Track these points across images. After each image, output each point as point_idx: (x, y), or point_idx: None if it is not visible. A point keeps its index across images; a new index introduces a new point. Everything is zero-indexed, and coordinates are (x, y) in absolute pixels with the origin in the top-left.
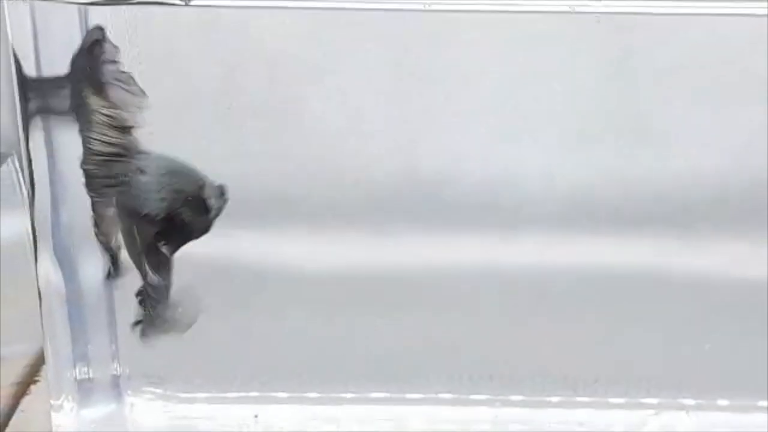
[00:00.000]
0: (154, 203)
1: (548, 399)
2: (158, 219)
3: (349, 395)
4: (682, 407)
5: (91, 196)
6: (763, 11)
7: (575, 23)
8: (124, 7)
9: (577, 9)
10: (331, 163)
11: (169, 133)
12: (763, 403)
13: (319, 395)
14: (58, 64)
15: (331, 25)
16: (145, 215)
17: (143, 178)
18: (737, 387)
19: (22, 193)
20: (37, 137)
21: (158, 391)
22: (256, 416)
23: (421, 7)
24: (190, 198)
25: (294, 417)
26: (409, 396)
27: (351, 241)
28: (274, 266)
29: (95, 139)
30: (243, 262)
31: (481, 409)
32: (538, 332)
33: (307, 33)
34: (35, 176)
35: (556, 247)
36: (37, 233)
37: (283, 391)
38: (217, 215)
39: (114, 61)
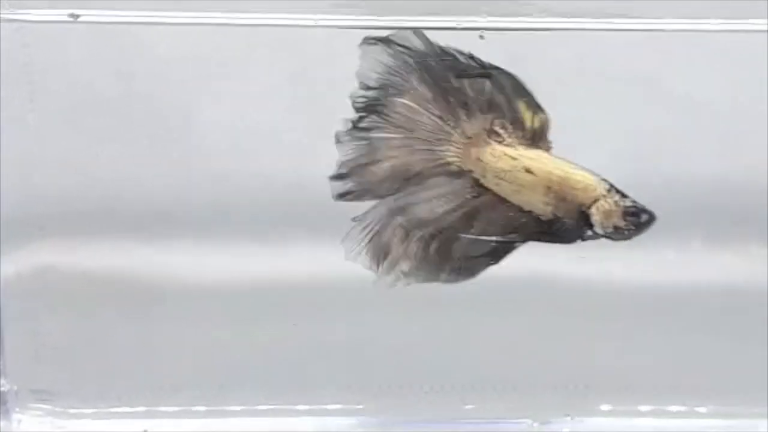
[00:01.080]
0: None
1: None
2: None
3: (237, 408)
4: (567, 414)
5: None
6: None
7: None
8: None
9: (463, 25)
10: (222, 173)
11: (59, 140)
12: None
13: (206, 409)
14: None
15: (225, 33)
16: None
17: None
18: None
19: None
20: None
21: (46, 407)
22: (145, 431)
23: (311, 23)
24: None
25: (183, 431)
26: (298, 407)
27: (242, 251)
28: (162, 278)
29: None
30: (132, 275)
31: (365, 419)
32: (430, 340)
33: (200, 42)
34: None
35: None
36: None
37: (171, 406)
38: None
39: None
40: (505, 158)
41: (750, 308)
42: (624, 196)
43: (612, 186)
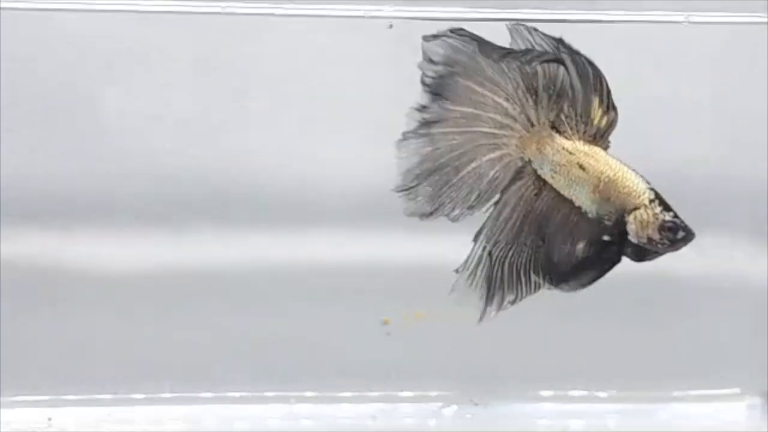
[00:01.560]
0: None
1: (340, 395)
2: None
3: (141, 396)
4: (471, 401)
5: None
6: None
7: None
8: None
9: (371, 14)
10: (129, 161)
11: None
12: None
13: (111, 397)
14: None
15: (132, 21)
16: None
17: None
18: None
19: None
20: None
21: None
22: (49, 419)
23: (218, 10)
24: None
25: (88, 419)
26: (202, 395)
27: (148, 240)
28: (66, 267)
29: None
30: (34, 264)
31: (274, 405)
32: (334, 327)
33: (107, 29)
34: None
35: (351, 244)
36: None
37: (76, 394)
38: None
39: None
40: (563, 152)
41: (650, 296)
42: (668, 209)
43: (658, 197)
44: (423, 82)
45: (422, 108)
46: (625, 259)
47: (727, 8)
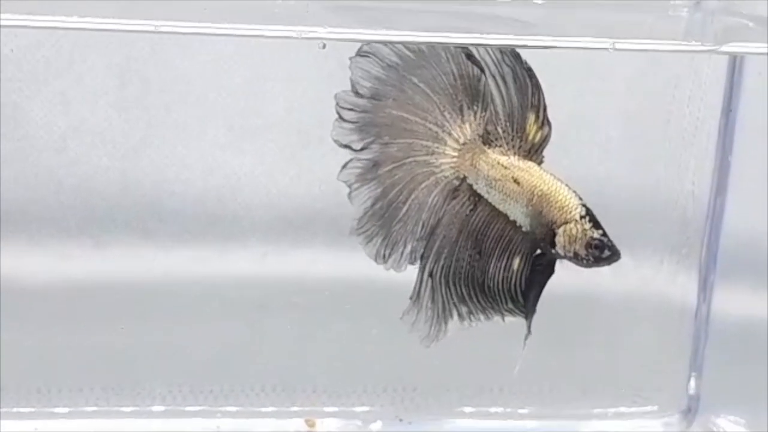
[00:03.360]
0: None
1: (264, 410)
2: None
3: (64, 410)
4: (396, 417)
5: None
6: None
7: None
8: None
9: (304, 35)
10: (49, 172)
11: None
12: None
13: (33, 410)
14: None
15: (58, 34)
16: None
17: None
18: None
19: None
20: None
21: None
22: None
23: (151, 28)
24: None
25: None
26: (122, 409)
27: (70, 252)
28: None
29: None
30: None
31: (197, 420)
32: (258, 342)
33: (30, 40)
34: None
35: (274, 257)
36: None
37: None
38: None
39: None
40: (498, 167)
41: (571, 315)
42: (597, 226)
43: (588, 213)
44: (350, 119)
45: (362, 149)
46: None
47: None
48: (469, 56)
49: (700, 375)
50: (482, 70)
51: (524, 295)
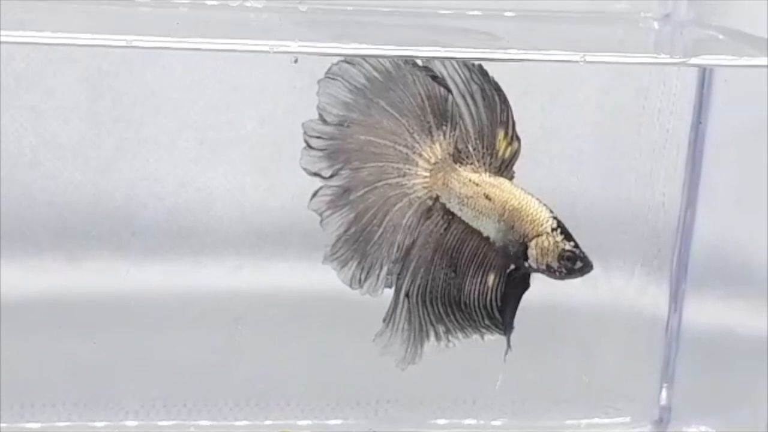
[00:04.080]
0: None
1: (237, 423)
2: None
3: (36, 425)
4: (370, 429)
5: None
6: None
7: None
8: None
9: (275, 49)
10: (21, 187)
11: None
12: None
13: (4, 425)
14: None
15: (24, 46)
16: None
17: None
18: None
19: None
20: None
21: None
22: None
23: (123, 43)
24: None
25: None
26: (95, 424)
27: (44, 266)
28: None
29: None
30: None
31: None
32: (231, 355)
33: (2, 55)
34: None
35: (248, 270)
36: None
37: None
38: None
39: None
40: (469, 184)
41: (543, 327)
42: (569, 238)
43: (560, 226)
44: (318, 147)
45: (331, 176)
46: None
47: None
48: (435, 77)
49: (671, 385)
50: (449, 90)
51: (500, 311)
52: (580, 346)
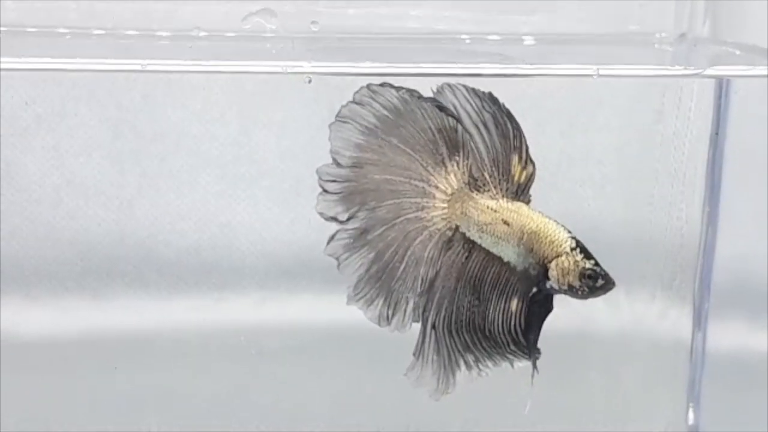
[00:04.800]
0: None
1: None
2: None
3: None
4: None
5: None
6: None
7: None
8: None
9: (289, 70)
10: (45, 226)
11: None
12: None
13: None
14: None
15: (45, 83)
16: None
17: None
18: None
19: None
20: None
21: None
22: None
23: (138, 67)
24: None
25: None
26: None
27: (66, 305)
28: None
29: None
30: None
31: None
32: (254, 388)
33: (21, 96)
34: None
35: (271, 304)
36: None
37: None
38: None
39: None
40: (487, 211)
41: (569, 351)
42: (588, 257)
43: (579, 245)
44: (333, 191)
45: (348, 219)
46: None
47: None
48: (442, 108)
49: (698, 406)
50: (457, 120)
51: (524, 335)
52: (604, 371)
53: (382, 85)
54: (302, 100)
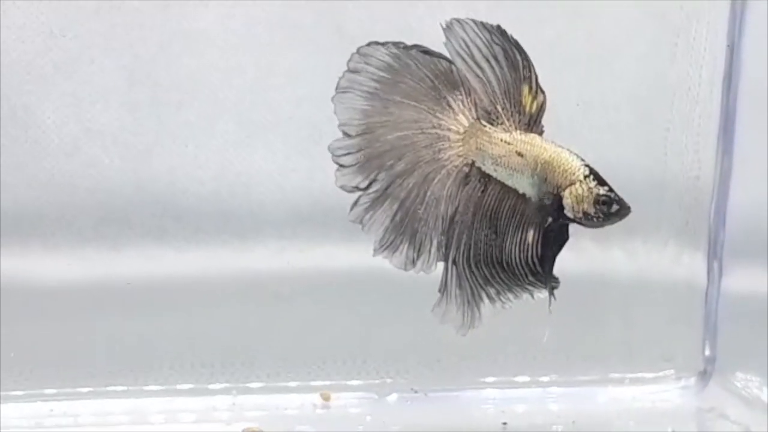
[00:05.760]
0: None
1: (284, 384)
2: None
3: (86, 389)
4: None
5: None
6: None
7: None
8: None
9: None
10: (64, 175)
11: None
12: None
13: (56, 391)
14: None
15: (61, 34)
16: None
17: None
18: None
19: None
20: None
21: None
22: None
23: None
24: None
25: (32, 414)
26: (148, 388)
27: (85, 254)
28: (9, 281)
29: None
30: None
31: (220, 397)
32: (275, 329)
33: (40, 43)
34: None
35: (290, 252)
36: None
37: (19, 390)
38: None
39: None
40: (501, 144)
41: (590, 294)
42: (602, 183)
43: (592, 172)
44: (350, 163)
45: (368, 186)
46: (564, 263)
47: None
48: (428, 52)
49: (714, 339)
50: (449, 61)
51: (541, 265)
52: (623, 311)
53: (369, 45)
54: (320, 47)
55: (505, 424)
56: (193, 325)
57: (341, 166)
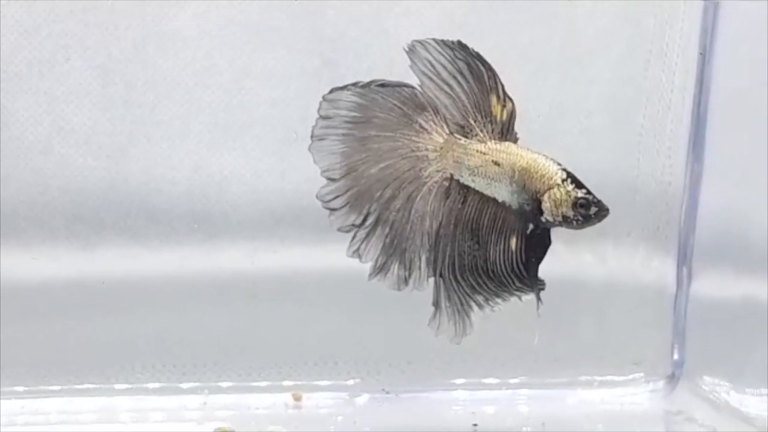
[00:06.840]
0: None
1: (254, 384)
2: None
3: (57, 387)
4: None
5: None
6: None
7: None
8: None
9: None
10: (37, 174)
11: None
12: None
13: (26, 389)
14: None
15: (36, 32)
16: None
17: None
18: None
19: None
20: None
21: None
22: None
23: None
24: None
25: (2, 412)
26: (116, 386)
27: (59, 254)
28: None
29: None
30: None
31: (190, 397)
32: (247, 329)
33: (13, 40)
34: None
35: (263, 253)
36: None
37: None
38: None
39: None
40: (477, 154)
41: (560, 297)
42: (580, 186)
43: (570, 176)
44: (340, 206)
45: (363, 221)
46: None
47: None
48: (385, 84)
49: (683, 344)
50: (410, 86)
51: (526, 271)
52: (593, 314)
53: (331, 91)
54: (296, 49)
55: (475, 425)
56: (165, 324)
57: (333, 210)
